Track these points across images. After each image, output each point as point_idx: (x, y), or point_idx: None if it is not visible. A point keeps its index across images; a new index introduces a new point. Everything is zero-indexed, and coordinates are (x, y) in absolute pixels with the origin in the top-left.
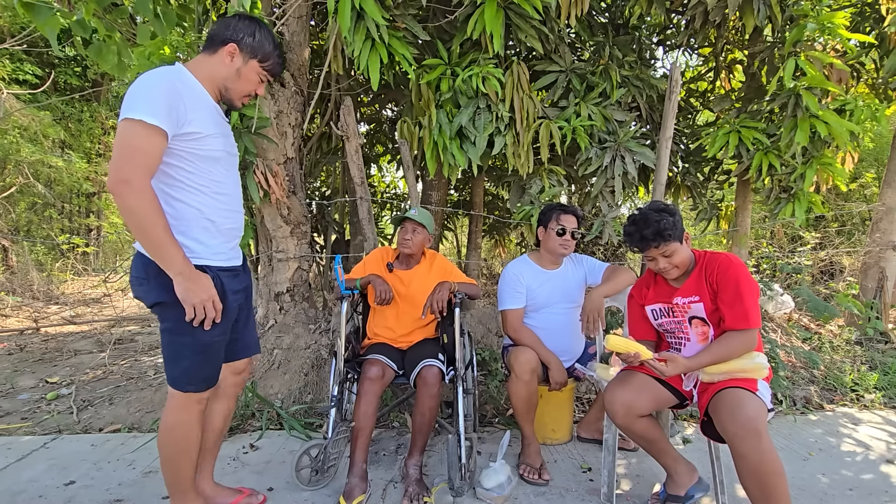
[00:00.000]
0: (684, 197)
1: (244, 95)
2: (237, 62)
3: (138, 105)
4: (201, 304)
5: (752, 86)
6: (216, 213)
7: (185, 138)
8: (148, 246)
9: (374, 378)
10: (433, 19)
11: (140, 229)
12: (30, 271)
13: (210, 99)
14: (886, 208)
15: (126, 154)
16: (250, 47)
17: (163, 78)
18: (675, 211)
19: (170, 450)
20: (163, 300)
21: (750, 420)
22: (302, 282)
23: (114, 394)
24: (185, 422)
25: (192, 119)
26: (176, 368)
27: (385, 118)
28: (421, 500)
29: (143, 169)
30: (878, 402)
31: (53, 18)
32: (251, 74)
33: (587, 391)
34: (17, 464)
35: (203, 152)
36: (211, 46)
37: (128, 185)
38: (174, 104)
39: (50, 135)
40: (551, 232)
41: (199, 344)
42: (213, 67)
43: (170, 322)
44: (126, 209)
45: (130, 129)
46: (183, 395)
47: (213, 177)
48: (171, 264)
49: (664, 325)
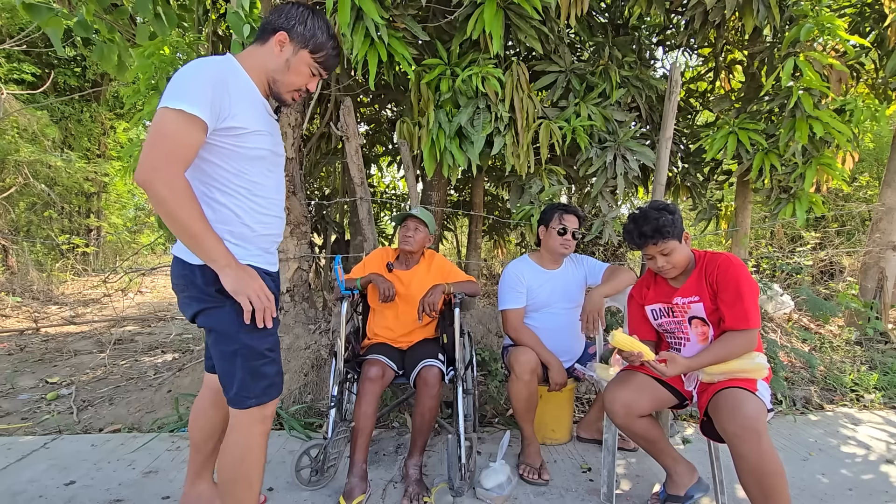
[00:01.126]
0: (684, 197)
1: (294, 90)
2: (286, 52)
3: (179, 93)
4: (255, 293)
5: (751, 86)
6: (254, 217)
7: (226, 133)
8: (184, 237)
9: (374, 378)
10: (433, 19)
11: (173, 219)
12: (30, 271)
13: (258, 93)
14: (886, 208)
15: (158, 143)
16: (301, 36)
17: (209, 67)
18: (674, 210)
19: (229, 474)
20: (205, 306)
21: (749, 420)
22: (302, 282)
23: (114, 394)
24: (244, 443)
25: (236, 113)
26: (233, 384)
27: (385, 118)
28: (421, 500)
29: (174, 158)
30: (878, 403)
31: (56, 20)
32: (301, 66)
33: (587, 391)
34: (17, 464)
35: (244, 150)
36: (262, 36)
37: (157, 173)
38: (218, 95)
39: (49, 135)
40: (552, 231)
41: (249, 349)
42: (262, 58)
43: (214, 331)
44: (157, 199)
45: (167, 117)
46: (244, 412)
47: (253, 178)
48: (213, 255)
49: (664, 325)
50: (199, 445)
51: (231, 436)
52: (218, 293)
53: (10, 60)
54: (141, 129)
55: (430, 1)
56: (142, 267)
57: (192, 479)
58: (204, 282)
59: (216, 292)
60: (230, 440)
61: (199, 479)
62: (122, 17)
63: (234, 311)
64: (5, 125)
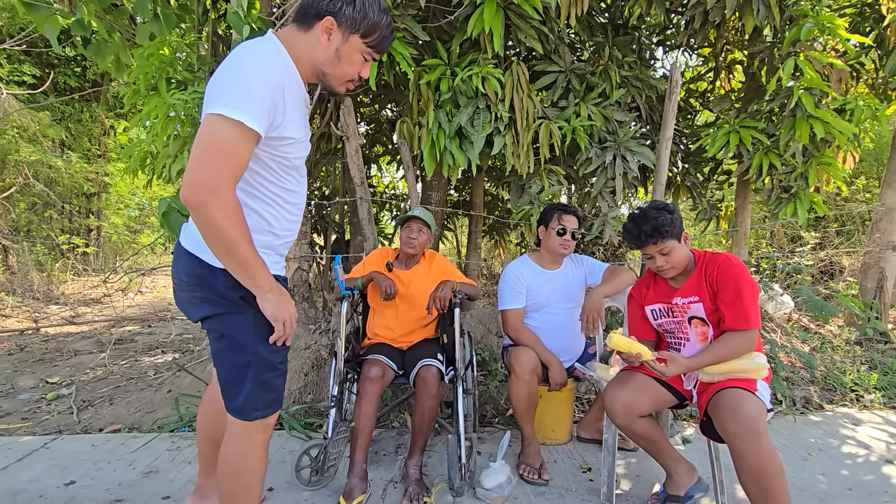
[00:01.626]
0: (684, 197)
1: (347, 81)
2: (335, 41)
3: (239, 99)
4: (290, 318)
5: (751, 86)
6: (282, 224)
7: (276, 144)
8: (232, 264)
9: (375, 378)
10: (433, 20)
11: (224, 246)
12: (30, 271)
13: (304, 90)
14: (886, 208)
15: (214, 159)
16: (350, 20)
17: (272, 68)
18: (673, 209)
19: (230, 485)
20: (222, 311)
21: (749, 420)
22: (302, 282)
23: (114, 394)
24: (247, 453)
25: (288, 123)
26: (240, 394)
27: (385, 118)
28: (421, 500)
29: (232, 177)
30: (878, 403)
31: (53, 18)
32: (353, 54)
33: (587, 391)
34: (17, 464)
35: (287, 160)
36: (304, 20)
37: (216, 196)
38: (276, 103)
39: (49, 135)
40: (552, 231)
41: (264, 362)
42: (308, 48)
43: (227, 338)
44: (209, 223)
45: (224, 129)
46: (244, 422)
47: (288, 185)
48: (259, 281)
49: (664, 325)
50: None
51: (232, 446)
52: (241, 300)
53: (10, 61)
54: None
55: (430, 1)
56: (142, 267)
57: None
58: (226, 286)
59: (239, 299)
60: (231, 451)
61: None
62: (122, 18)
63: (254, 321)
64: (5, 125)
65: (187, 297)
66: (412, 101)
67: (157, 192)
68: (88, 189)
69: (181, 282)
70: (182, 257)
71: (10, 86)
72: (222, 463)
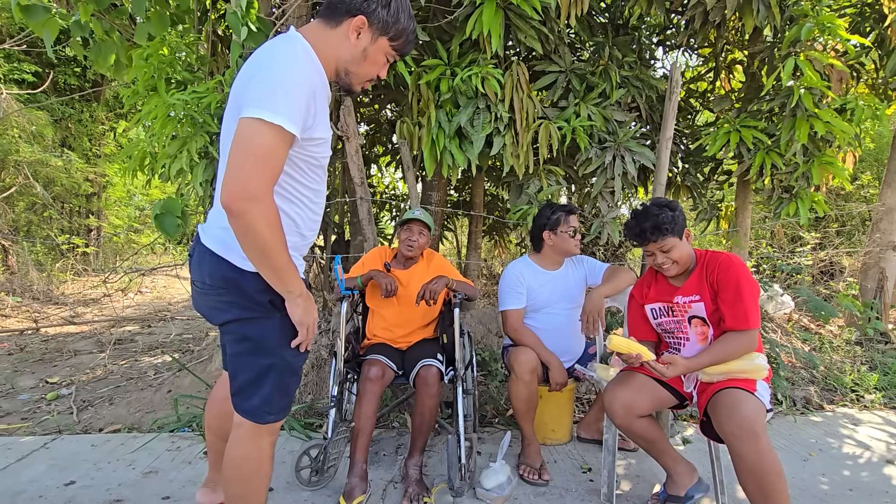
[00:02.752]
0: (684, 197)
1: (366, 80)
2: (364, 40)
3: (278, 103)
4: (314, 324)
5: (751, 86)
6: (308, 225)
7: (307, 144)
8: (267, 270)
9: (374, 378)
10: (433, 19)
11: (262, 253)
12: (30, 271)
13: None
14: (886, 208)
15: (257, 166)
16: (382, 22)
17: (307, 70)
18: (676, 207)
19: (237, 488)
20: (250, 315)
21: (748, 420)
22: None
23: (114, 394)
24: (254, 457)
25: (319, 123)
26: (256, 395)
27: (385, 118)
28: (421, 500)
29: (272, 183)
30: (878, 403)
31: (52, 20)
32: (378, 55)
33: (587, 391)
34: (17, 464)
35: (315, 160)
36: (333, 16)
37: (258, 204)
38: (308, 105)
39: (47, 135)
40: (564, 235)
41: (287, 366)
42: (335, 45)
43: (251, 341)
44: (250, 230)
45: (266, 134)
46: (254, 425)
47: (315, 186)
48: (291, 286)
49: (664, 324)
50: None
51: (239, 449)
52: (270, 304)
53: (9, 60)
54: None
55: (430, 1)
56: (142, 267)
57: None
58: (256, 289)
59: (268, 303)
60: (238, 454)
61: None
62: (120, 18)
63: (280, 325)
64: (5, 125)
65: (211, 301)
66: (412, 102)
67: (156, 194)
68: (87, 189)
69: (204, 285)
70: (206, 259)
71: (9, 85)
72: (228, 466)
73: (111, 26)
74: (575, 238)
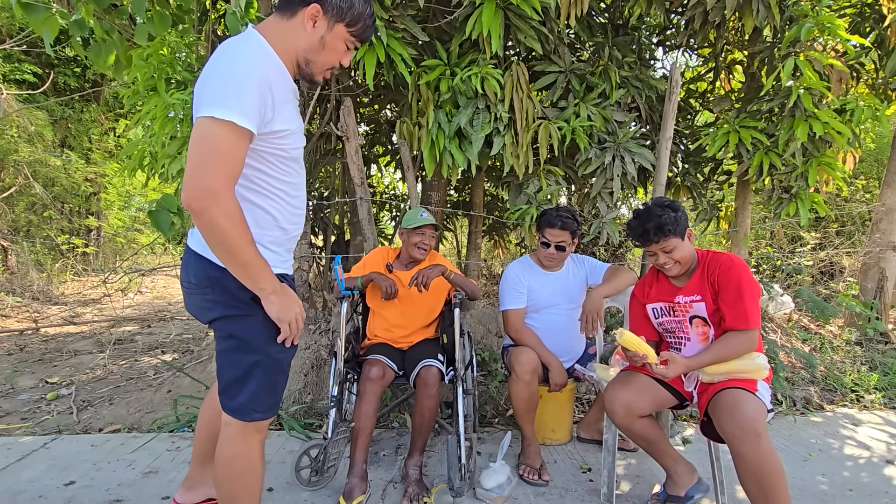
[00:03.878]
0: (684, 197)
1: (327, 69)
2: (321, 28)
3: (229, 99)
4: (295, 319)
5: (751, 86)
6: (288, 219)
7: (270, 137)
8: (235, 267)
9: (375, 378)
10: (432, 20)
11: (227, 250)
12: (29, 271)
13: (291, 80)
14: (886, 209)
15: (212, 162)
16: (336, 8)
17: (255, 64)
18: (678, 207)
19: (229, 487)
20: (233, 313)
21: (749, 420)
22: (302, 282)
23: (114, 394)
24: (245, 455)
25: (278, 116)
26: (242, 393)
27: (385, 118)
28: (421, 500)
29: (231, 180)
30: (878, 403)
31: (52, 19)
32: (337, 42)
33: (587, 391)
34: (17, 464)
35: (286, 152)
36: (287, 8)
37: (216, 200)
38: (265, 98)
39: (47, 135)
40: (539, 242)
41: (273, 363)
42: (292, 36)
43: (236, 339)
44: (212, 228)
45: (217, 131)
46: (242, 423)
47: (290, 178)
48: (262, 283)
49: (665, 324)
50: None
51: (228, 448)
52: (252, 300)
53: (9, 61)
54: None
55: (430, 1)
56: (142, 267)
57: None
58: (237, 287)
59: (250, 299)
60: (228, 453)
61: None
62: (121, 18)
63: (264, 321)
64: (5, 125)
65: (198, 301)
66: (412, 102)
67: (154, 196)
68: (86, 189)
69: (191, 285)
70: (191, 260)
71: (9, 85)
72: (219, 465)
73: (111, 26)
74: (548, 250)
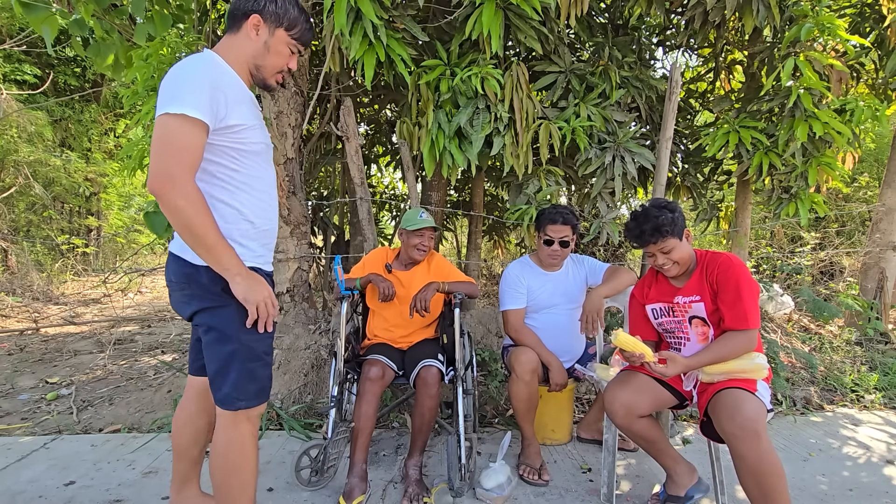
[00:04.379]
0: (684, 197)
1: (277, 72)
2: (263, 34)
3: (179, 97)
4: (263, 302)
5: (751, 86)
6: (256, 213)
7: (226, 132)
8: (199, 248)
9: (375, 378)
10: (432, 20)
11: (188, 230)
12: (29, 272)
13: (246, 87)
14: (886, 209)
15: (169, 151)
16: (274, 15)
17: (202, 66)
18: (675, 208)
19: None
20: (208, 305)
21: (749, 421)
22: (302, 282)
23: (114, 394)
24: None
25: (234, 110)
26: (225, 384)
27: (385, 118)
28: (421, 500)
29: (189, 166)
30: (878, 403)
31: (52, 18)
32: (280, 46)
33: (587, 391)
34: (17, 464)
35: (245, 146)
36: (233, 24)
37: (174, 184)
38: (215, 95)
39: (47, 135)
40: (540, 241)
41: (248, 350)
42: (241, 47)
43: (214, 330)
44: (173, 210)
45: (171, 124)
46: (231, 413)
47: (253, 172)
48: (226, 264)
49: (664, 324)
50: (184, 452)
51: (221, 438)
52: (223, 292)
53: (9, 61)
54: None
55: (430, 1)
56: (142, 267)
57: (179, 485)
58: (209, 281)
59: (221, 291)
60: (221, 443)
61: (185, 485)
62: (120, 17)
63: (236, 311)
64: (4, 125)
65: (178, 297)
66: (412, 102)
67: (151, 197)
68: (86, 189)
69: (171, 282)
70: (171, 260)
71: (9, 85)
72: (213, 455)
73: (111, 26)
74: (550, 248)
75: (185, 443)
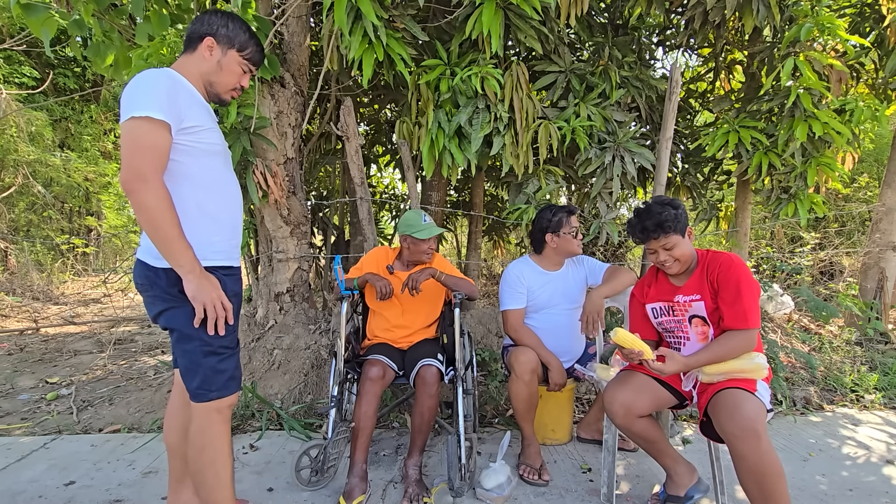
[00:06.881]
0: (684, 197)
1: (231, 89)
2: (216, 54)
3: (141, 102)
4: (211, 302)
5: (751, 86)
6: (217, 208)
7: (186, 132)
8: (159, 243)
9: (375, 378)
10: (432, 19)
11: (153, 226)
12: (29, 272)
13: (202, 97)
14: (886, 209)
15: (138, 152)
16: (226, 38)
17: (158, 74)
18: (678, 205)
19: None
20: (167, 306)
21: (748, 421)
22: (302, 282)
23: (114, 394)
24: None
25: (191, 114)
26: (194, 379)
27: (384, 118)
28: (421, 500)
29: (158, 166)
30: (878, 403)
31: (51, 19)
32: (232, 65)
33: (587, 391)
34: (17, 464)
35: (204, 146)
36: (190, 45)
37: (145, 182)
38: (173, 99)
39: (47, 135)
40: (567, 236)
41: (207, 347)
42: (196, 65)
43: (176, 330)
44: (142, 206)
45: (137, 126)
46: (202, 405)
47: (213, 171)
48: (181, 261)
49: (664, 323)
50: (176, 448)
51: (193, 426)
52: (180, 293)
53: (9, 62)
54: None
55: (430, 1)
56: None
57: (175, 486)
58: (167, 283)
59: (178, 292)
60: (192, 430)
61: (181, 485)
62: (120, 18)
63: (193, 311)
64: (4, 125)
65: (145, 300)
66: (412, 102)
67: None
68: (87, 189)
69: (138, 285)
70: (136, 265)
71: (9, 86)
72: (189, 444)
73: (111, 26)
74: (577, 238)
75: (176, 439)
